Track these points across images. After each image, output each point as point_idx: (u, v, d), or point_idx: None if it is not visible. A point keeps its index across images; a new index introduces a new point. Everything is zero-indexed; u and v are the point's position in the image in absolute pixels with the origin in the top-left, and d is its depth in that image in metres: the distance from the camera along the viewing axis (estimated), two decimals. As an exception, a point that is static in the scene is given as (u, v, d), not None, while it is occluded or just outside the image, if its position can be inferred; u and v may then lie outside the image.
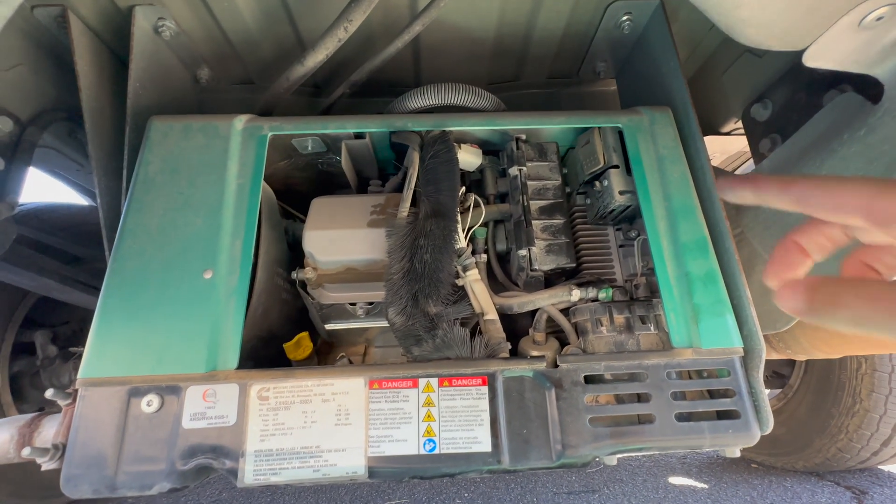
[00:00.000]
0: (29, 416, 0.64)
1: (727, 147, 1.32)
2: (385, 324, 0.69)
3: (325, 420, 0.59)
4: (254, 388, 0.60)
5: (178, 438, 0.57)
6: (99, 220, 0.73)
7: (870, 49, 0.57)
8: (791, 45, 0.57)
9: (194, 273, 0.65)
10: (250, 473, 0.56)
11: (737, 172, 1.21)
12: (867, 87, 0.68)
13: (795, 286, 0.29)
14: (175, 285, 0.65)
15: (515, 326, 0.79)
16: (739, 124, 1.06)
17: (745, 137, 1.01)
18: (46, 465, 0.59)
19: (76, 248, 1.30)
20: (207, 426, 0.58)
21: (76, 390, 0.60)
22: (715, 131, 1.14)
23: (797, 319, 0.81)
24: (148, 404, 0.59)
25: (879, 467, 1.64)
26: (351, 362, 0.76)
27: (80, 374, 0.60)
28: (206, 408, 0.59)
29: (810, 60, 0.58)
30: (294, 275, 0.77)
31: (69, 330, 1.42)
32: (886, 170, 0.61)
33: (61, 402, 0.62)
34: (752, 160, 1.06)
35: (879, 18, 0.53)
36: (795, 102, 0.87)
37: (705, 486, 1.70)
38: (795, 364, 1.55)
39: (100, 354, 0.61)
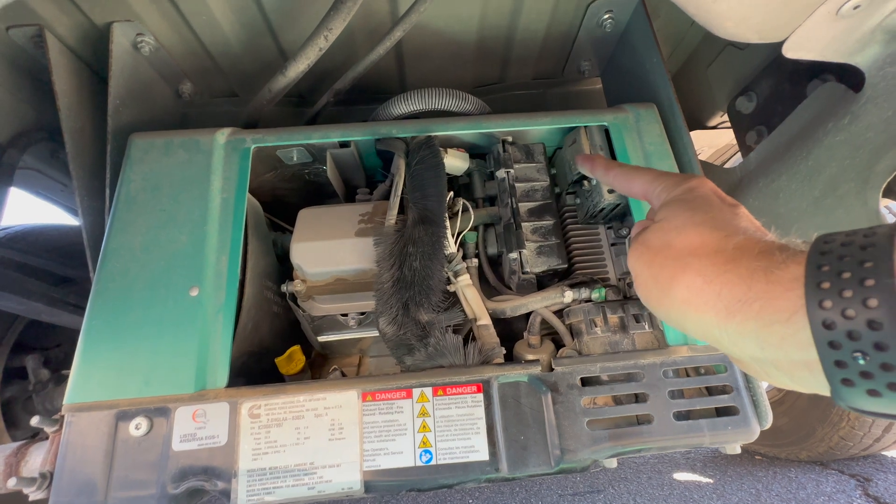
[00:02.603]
0: (15, 444, 0.63)
1: (715, 141, 1.32)
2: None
3: (319, 435, 0.58)
4: (244, 406, 0.59)
5: (168, 461, 0.56)
6: None
7: (848, 38, 0.57)
8: (770, 37, 0.57)
9: (180, 291, 0.64)
10: (243, 494, 0.55)
11: (726, 166, 1.21)
12: (849, 76, 0.68)
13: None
14: (160, 304, 0.63)
15: (510, 330, 0.78)
16: (725, 118, 1.06)
17: (731, 131, 1.02)
18: (34, 494, 0.57)
19: (66, 270, 1.29)
20: (198, 447, 0.57)
21: (62, 416, 0.59)
22: (701, 126, 1.14)
23: None
24: (136, 427, 0.57)
25: (882, 453, 1.64)
26: (344, 374, 0.75)
27: (65, 400, 0.59)
28: (196, 428, 0.57)
29: (790, 51, 0.58)
30: (284, 288, 0.76)
31: (61, 353, 1.40)
32: (871, 156, 0.61)
33: (48, 429, 0.61)
34: (739, 153, 1.07)
35: (856, 7, 0.52)
36: (779, 94, 0.87)
37: (710, 480, 1.69)
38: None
39: (86, 378, 0.60)
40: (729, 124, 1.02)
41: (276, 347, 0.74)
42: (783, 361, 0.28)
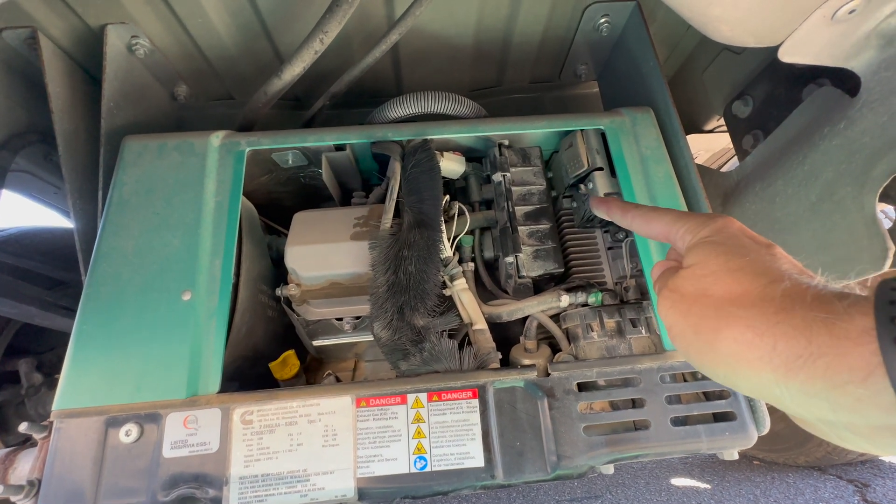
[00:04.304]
0: (3, 451, 0.62)
1: (711, 145, 1.33)
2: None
3: (312, 442, 0.57)
4: (237, 412, 0.58)
5: (158, 468, 0.55)
6: None
7: (844, 42, 0.57)
8: (766, 41, 0.57)
9: (172, 295, 0.63)
10: (235, 501, 0.54)
11: (722, 170, 1.21)
12: (845, 80, 0.68)
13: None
14: (153, 308, 0.63)
15: (507, 334, 0.78)
16: (722, 122, 1.06)
17: (728, 134, 1.02)
18: (21, 502, 0.56)
19: (59, 273, 1.27)
20: (189, 454, 0.56)
21: (51, 423, 0.58)
22: (698, 129, 1.14)
23: None
24: (126, 434, 0.56)
25: (881, 459, 1.64)
26: (338, 379, 0.74)
27: (55, 406, 0.58)
28: (188, 435, 0.57)
29: (786, 55, 0.58)
30: (278, 292, 0.75)
31: (54, 357, 1.38)
32: (867, 160, 0.60)
33: (36, 436, 0.60)
34: (736, 157, 1.07)
35: (852, 11, 0.53)
36: (775, 98, 0.87)
37: (708, 486, 1.68)
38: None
39: (76, 384, 0.59)
40: (725, 128, 1.03)
41: (271, 352, 0.74)
42: (861, 426, 0.25)
